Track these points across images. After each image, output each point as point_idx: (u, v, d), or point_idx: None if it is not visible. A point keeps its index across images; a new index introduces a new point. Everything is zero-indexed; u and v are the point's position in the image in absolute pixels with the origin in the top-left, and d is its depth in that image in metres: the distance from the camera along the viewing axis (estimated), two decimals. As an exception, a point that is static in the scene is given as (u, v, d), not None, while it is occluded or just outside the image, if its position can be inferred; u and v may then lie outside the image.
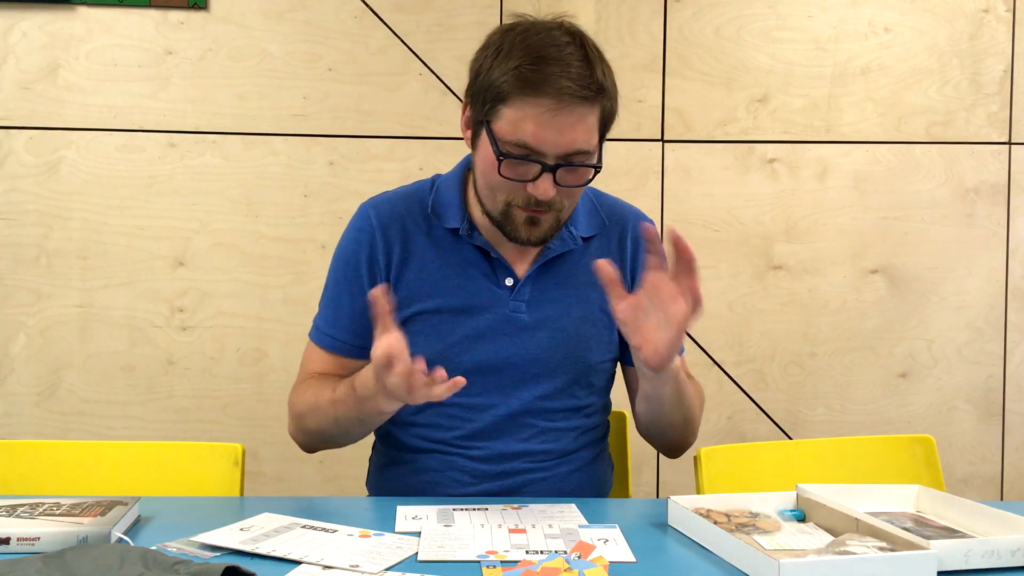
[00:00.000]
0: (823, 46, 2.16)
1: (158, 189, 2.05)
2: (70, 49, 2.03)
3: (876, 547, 0.90)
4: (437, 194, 1.29)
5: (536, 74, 1.10)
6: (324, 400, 1.21)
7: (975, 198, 2.19)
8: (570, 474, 1.30)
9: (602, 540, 0.99)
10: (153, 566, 0.83)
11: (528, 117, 1.11)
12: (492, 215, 1.22)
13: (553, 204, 1.18)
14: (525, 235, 1.20)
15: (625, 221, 1.35)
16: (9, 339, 2.04)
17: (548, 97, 1.10)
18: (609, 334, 1.32)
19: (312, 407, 1.23)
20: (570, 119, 1.11)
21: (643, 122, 2.13)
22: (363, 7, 2.07)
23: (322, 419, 1.22)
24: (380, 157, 2.09)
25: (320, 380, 1.26)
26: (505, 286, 1.26)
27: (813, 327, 2.18)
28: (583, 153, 1.14)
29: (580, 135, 1.13)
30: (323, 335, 1.30)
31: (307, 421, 1.26)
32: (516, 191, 1.16)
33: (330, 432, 1.24)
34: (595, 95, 1.12)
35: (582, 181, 1.18)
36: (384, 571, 0.88)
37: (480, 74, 1.16)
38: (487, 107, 1.14)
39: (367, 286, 1.25)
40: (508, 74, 1.11)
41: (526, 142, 1.12)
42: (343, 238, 1.31)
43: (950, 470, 2.17)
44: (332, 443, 1.27)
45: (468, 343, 1.25)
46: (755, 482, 1.37)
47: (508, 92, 1.11)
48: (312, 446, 1.30)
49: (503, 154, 1.13)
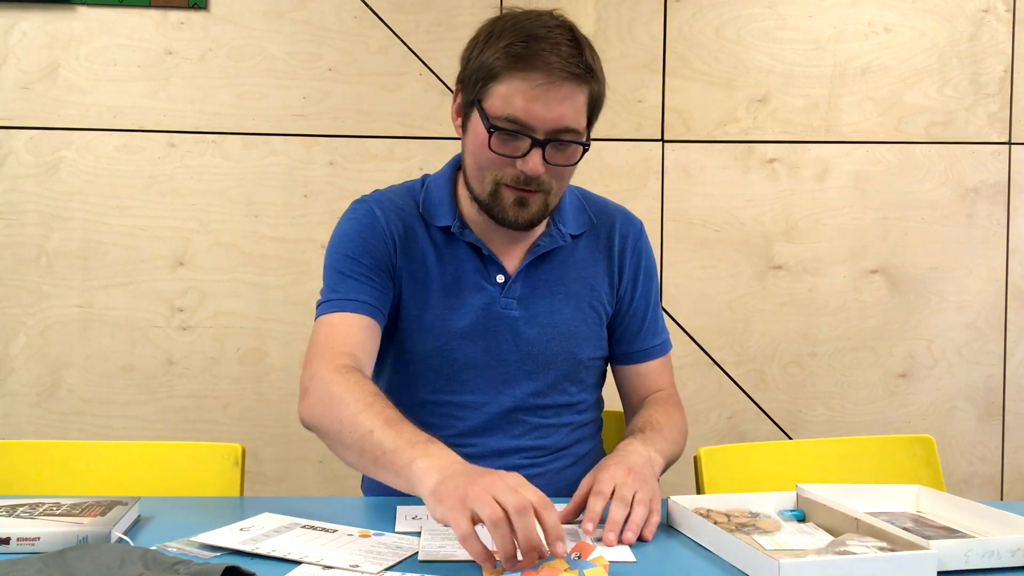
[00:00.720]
0: (823, 46, 2.16)
1: (158, 189, 2.05)
2: (70, 49, 2.03)
3: (876, 547, 0.90)
4: (427, 193, 1.30)
5: (526, 50, 1.12)
6: (372, 410, 1.06)
7: (975, 198, 2.19)
8: (564, 470, 1.31)
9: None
10: (153, 566, 0.83)
11: (518, 92, 1.13)
12: (481, 199, 1.22)
13: (542, 184, 1.18)
14: (513, 216, 1.20)
15: (613, 220, 1.36)
16: (9, 339, 2.04)
17: (538, 72, 1.12)
18: (599, 331, 1.33)
19: (352, 404, 1.07)
20: (559, 95, 1.13)
21: (643, 122, 2.13)
22: (363, 7, 2.07)
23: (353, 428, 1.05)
24: (380, 157, 2.09)
25: (369, 386, 1.11)
26: (496, 283, 1.27)
27: (813, 327, 2.18)
28: (572, 131, 1.16)
29: (569, 112, 1.14)
30: (342, 301, 1.20)
31: (336, 412, 1.08)
32: (505, 168, 1.17)
33: (346, 440, 1.07)
34: (584, 74, 1.14)
35: (571, 160, 1.19)
36: (384, 571, 0.88)
37: (471, 59, 1.18)
38: (478, 86, 1.16)
39: (377, 262, 1.23)
40: (499, 51, 1.13)
41: (516, 116, 1.13)
42: (345, 224, 1.27)
43: (950, 470, 2.17)
44: (336, 448, 1.14)
45: (460, 340, 1.25)
46: (755, 482, 1.37)
47: (499, 69, 1.13)
48: (320, 434, 1.15)
49: (493, 127, 1.14)
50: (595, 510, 1.02)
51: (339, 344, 1.16)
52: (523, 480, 0.92)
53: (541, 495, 0.90)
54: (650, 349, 1.37)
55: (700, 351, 2.16)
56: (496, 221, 1.22)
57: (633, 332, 1.36)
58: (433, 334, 1.25)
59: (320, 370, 1.13)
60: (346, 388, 1.08)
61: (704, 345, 2.16)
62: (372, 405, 1.05)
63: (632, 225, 1.37)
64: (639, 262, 1.36)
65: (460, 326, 1.25)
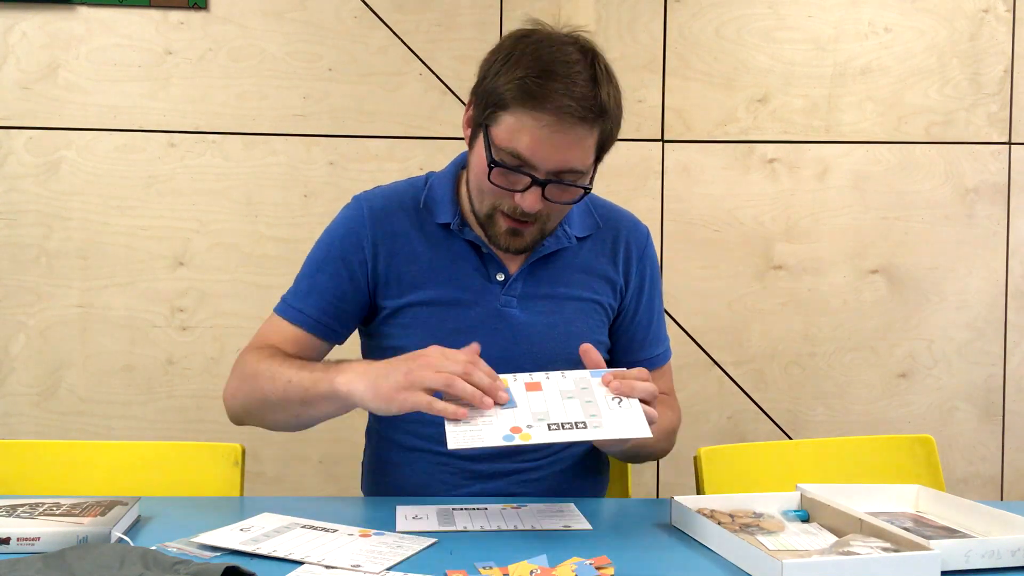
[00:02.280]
0: (823, 46, 2.16)
1: (158, 189, 2.05)
2: (70, 49, 2.03)
3: (880, 548, 0.90)
4: (430, 190, 1.30)
5: (540, 88, 1.09)
6: (288, 365, 1.18)
7: (975, 198, 2.19)
8: (563, 472, 1.31)
9: (616, 399, 1.04)
10: (153, 566, 0.83)
11: (526, 129, 1.11)
12: (478, 216, 1.24)
13: (538, 217, 1.19)
14: (505, 243, 1.22)
15: (619, 226, 1.36)
16: (9, 339, 2.04)
17: (548, 113, 1.09)
18: (600, 332, 1.33)
19: (269, 369, 1.19)
20: (567, 139, 1.11)
21: (643, 122, 2.13)
22: (363, 7, 2.07)
23: (274, 384, 1.17)
24: (380, 157, 2.08)
25: (284, 355, 1.23)
26: (496, 281, 1.27)
27: (813, 327, 2.18)
28: (576, 172, 1.15)
29: (575, 155, 1.13)
30: (290, 308, 1.29)
31: (254, 383, 1.20)
32: (503, 198, 1.17)
33: (271, 398, 1.18)
34: (596, 117, 1.11)
35: (570, 199, 1.19)
36: (385, 571, 0.88)
37: (487, 77, 1.16)
38: (488, 111, 1.14)
39: (344, 272, 1.27)
40: (513, 83, 1.11)
41: (520, 153, 1.12)
42: (333, 223, 1.32)
43: (950, 470, 2.17)
44: (266, 416, 1.23)
45: (458, 337, 1.24)
46: (755, 482, 1.37)
47: (510, 100, 1.11)
48: (244, 414, 1.25)
49: (495, 162, 1.13)
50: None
51: (266, 342, 1.27)
52: (443, 349, 1.06)
53: (467, 352, 1.05)
54: (653, 359, 1.37)
55: (700, 351, 2.16)
56: (490, 243, 1.24)
57: (638, 341, 1.36)
58: (431, 330, 1.25)
59: (239, 359, 1.26)
60: (257, 360, 1.21)
61: (704, 345, 2.16)
62: (283, 363, 1.18)
63: (639, 233, 1.37)
64: (645, 271, 1.36)
65: (457, 322, 1.25)
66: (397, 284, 1.27)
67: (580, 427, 1.00)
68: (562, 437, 0.99)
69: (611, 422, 1.01)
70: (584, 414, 1.02)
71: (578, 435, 1.00)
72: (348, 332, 1.32)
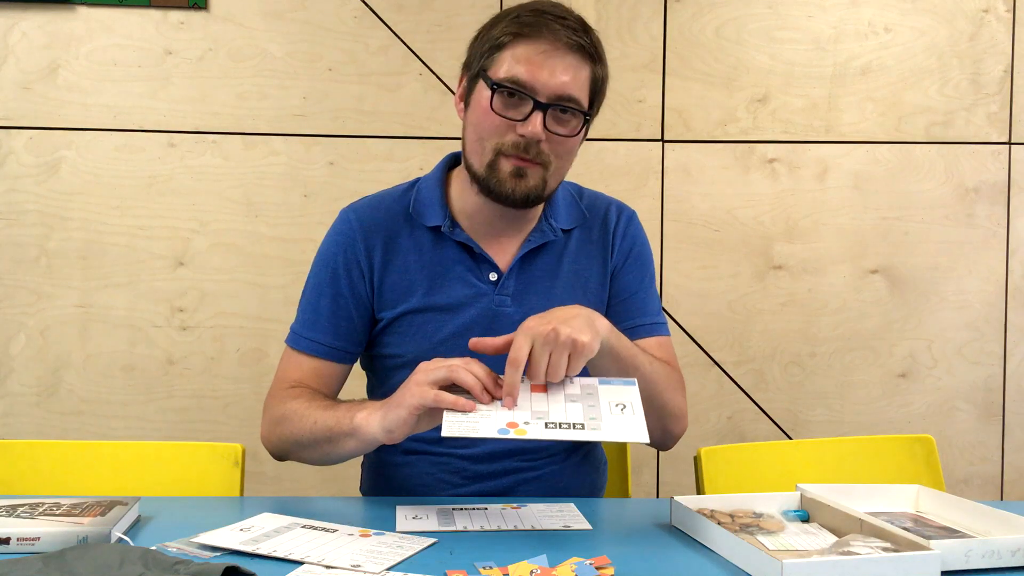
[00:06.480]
0: (823, 46, 2.16)
1: (158, 189, 2.05)
2: (70, 49, 2.03)
3: (880, 548, 0.90)
4: (418, 194, 1.30)
5: (534, 19, 1.17)
6: (314, 407, 1.19)
7: (975, 198, 2.19)
8: (562, 471, 1.30)
9: (619, 406, 1.03)
10: (153, 566, 0.83)
11: (523, 57, 1.16)
12: (479, 173, 1.22)
13: (541, 154, 1.19)
14: (510, 187, 1.20)
15: (604, 209, 1.36)
16: (9, 339, 2.04)
17: (544, 40, 1.16)
18: None
19: (296, 412, 1.21)
20: (563, 63, 1.17)
21: (643, 122, 2.13)
22: (363, 7, 2.07)
23: (302, 425, 1.19)
24: (380, 157, 2.08)
25: (309, 394, 1.24)
26: (489, 281, 1.27)
27: (813, 327, 2.18)
28: (574, 101, 1.18)
29: (572, 81, 1.17)
30: (301, 338, 1.29)
31: (285, 427, 1.22)
32: (506, 134, 1.18)
33: (302, 440, 1.20)
34: (588, 49, 1.18)
35: (572, 132, 1.20)
36: (385, 571, 0.88)
37: (478, 38, 1.23)
38: (484, 59, 1.19)
39: (346, 290, 1.27)
40: (507, 23, 1.18)
41: (519, 78, 1.16)
42: (324, 242, 1.32)
43: (950, 470, 2.17)
44: (301, 455, 1.24)
45: (455, 341, 1.24)
46: (755, 482, 1.37)
47: (506, 39, 1.17)
48: (283, 454, 1.27)
49: (497, 85, 1.16)
50: (511, 383, 1.04)
51: (289, 380, 1.28)
52: (440, 361, 1.06)
53: (461, 359, 1.06)
54: (640, 327, 1.31)
55: (700, 351, 2.16)
56: (493, 197, 1.21)
57: (624, 309, 1.32)
58: (427, 336, 1.25)
59: (267, 402, 1.28)
60: (283, 403, 1.23)
61: (704, 345, 2.16)
62: (310, 405, 1.20)
63: (623, 212, 1.37)
64: (631, 244, 1.34)
65: (454, 326, 1.25)
66: (392, 293, 1.27)
67: (578, 427, 1.00)
68: (558, 436, 0.99)
69: (610, 426, 1.01)
70: (584, 417, 1.02)
71: (575, 435, 1.00)
72: (362, 349, 1.32)
